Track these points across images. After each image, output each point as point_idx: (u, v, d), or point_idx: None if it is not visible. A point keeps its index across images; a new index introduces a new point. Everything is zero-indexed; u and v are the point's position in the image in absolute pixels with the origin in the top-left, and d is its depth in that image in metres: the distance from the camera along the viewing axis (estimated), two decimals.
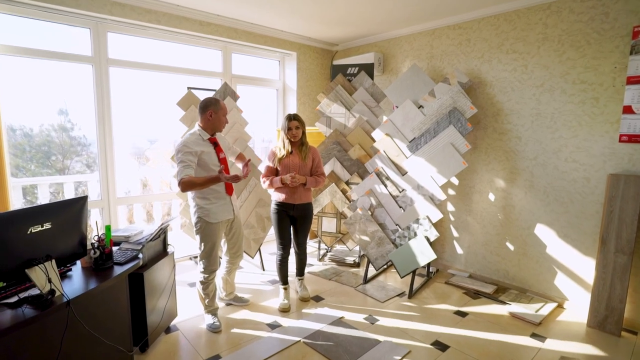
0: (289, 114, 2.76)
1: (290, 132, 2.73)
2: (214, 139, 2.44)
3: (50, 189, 3.52)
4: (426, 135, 3.28)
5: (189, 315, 2.71)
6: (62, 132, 3.56)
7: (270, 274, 3.54)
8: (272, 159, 2.81)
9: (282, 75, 4.50)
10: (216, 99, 2.41)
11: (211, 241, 2.45)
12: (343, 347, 2.34)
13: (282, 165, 2.77)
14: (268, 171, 2.82)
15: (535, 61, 2.92)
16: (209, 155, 2.36)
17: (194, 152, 2.29)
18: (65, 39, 3.04)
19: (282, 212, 2.82)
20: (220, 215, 2.44)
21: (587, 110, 2.70)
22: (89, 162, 4.02)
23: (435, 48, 3.57)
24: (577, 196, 2.80)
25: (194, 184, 2.22)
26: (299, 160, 2.79)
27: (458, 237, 3.58)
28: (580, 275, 2.84)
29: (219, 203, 2.43)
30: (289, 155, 2.78)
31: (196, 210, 2.41)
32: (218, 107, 2.38)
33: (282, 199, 2.79)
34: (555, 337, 2.51)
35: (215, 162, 2.40)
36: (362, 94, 3.76)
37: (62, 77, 3.12)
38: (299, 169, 2.79)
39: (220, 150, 2.46)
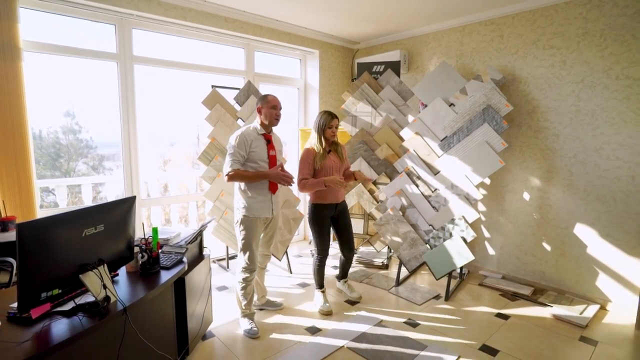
0: (327, 112, 2.66)
1: (330, 130, 2.63)
2: (268, 136, 2.47)
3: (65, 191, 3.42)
4: (459, 133, 3.20)
5: (224, 321, 2.61)
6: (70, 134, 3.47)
7: (299, 276, 3.45)
8: (311, 160, 2.66)
9: (303, 73, 4.42)
10: (263, 95, 2.45)
11: (249, 235, 2.40)
12: (390, 352, 2.25)
13: (323, 167, 2.64)
14: (308, 172, 2.66)
15: (575, 57, 2.85)
16: (259, 148, 2.39)
17: (247, 143, 2.34)
18: (87, 36, 2.94)
19: (324, 214, 2.71)
20: (258, 211, 2.41)
21: (632, 106, 2.64)
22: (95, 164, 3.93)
23: (465, 45, 3.51)
24: (620, 194, 2.73)
25: (241, 176, 2.32)
26: (338, 160, 2.72)
27: (490, 238, 3.50)
28: (624, 275, 2.77)
29: (259, 199, 2.41)
30: (328, 156, 2.68)
31: (238, 204, 2.44)
32: (265, 101, 2.41)
33: (325, 200, 2.69)
34: (605, 340, 2.43)
35: (264, 158, 2.41)
36: (389, 92, 3.68)
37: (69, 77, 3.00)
38: (339, 169, 2.72)
39: (271, 148, 2.46)
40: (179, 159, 4.98)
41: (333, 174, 2.67)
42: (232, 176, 2.30)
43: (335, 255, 4.07)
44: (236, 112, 3.38)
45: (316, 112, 4.34)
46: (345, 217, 2.83)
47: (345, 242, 2.86)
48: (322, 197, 2.69)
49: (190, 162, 4.76)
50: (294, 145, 4.53)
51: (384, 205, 3.44)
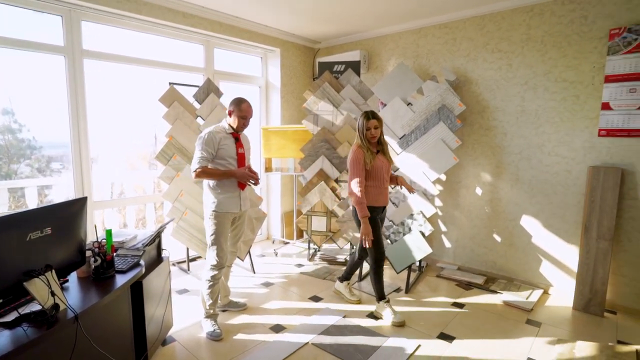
0: (366, 112, 2.52)
1: (369, 132, 2.51)
2: (236, 134, 2.51)
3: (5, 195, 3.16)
4: (416, 132, 3.33)
5: (185, 325, 2.55)
6: (9, 133, 3.22)
7: (262, 276, 3.43)
8: (362, 160, 2.52)
9: (264, 72, 4.39)
10: (239, 100, 2.45)
11: (218, 229, 2.42)
12: (353, 345, 2.30)
13: (374, 169, 2.54)
14: (362, 175, 2.51)
15: (520, 60, 3.07)
16: (228, 146, 2.43)
17: (215, 141, 2.37)
18: (30, 27, 2.74)
19: (376, 217, 2.59)
20: (226, 206, 2.44)
21: (569, 107, 2.88)
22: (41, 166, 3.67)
23: (421, 47, 3.65)
24: (559, 188, 2.98)
25: (208, 174, 2.36)
26: (386, 161, 2.63)
27: (446, 231, 3.68)
28: (563, 262, 3.02)
29: (227, 195, 2.44)
30: (377, 156, 2.58)
31: (208, 200, 2.45)
32: (237, 109, 2.43)
33: (377, 203, 2.58)
34: (547, 321, 2.64)
35: (232, 155, 2.45)
36: (349, 92, 3.75)
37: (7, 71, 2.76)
38: (388, 170, 2.63)
39: (240, 146, 2.50)
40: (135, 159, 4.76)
41: (383, 175, 2.58)
42: (200, 173, 2.33)
43: (300, 253, 4.09)
44: (195, 110, 3.30)
45: (278, 110, 4.33)
46: (383, 220, 2.75)
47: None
48: (373, 200, 2.57)
49: (147, 162, 4.57)
50: (255, 145, 4.48)
51: (346, 202, 3.51)
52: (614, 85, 2.68)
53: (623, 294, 2.78)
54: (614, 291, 2.80)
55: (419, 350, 2.28)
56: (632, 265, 2.73)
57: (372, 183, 2.57)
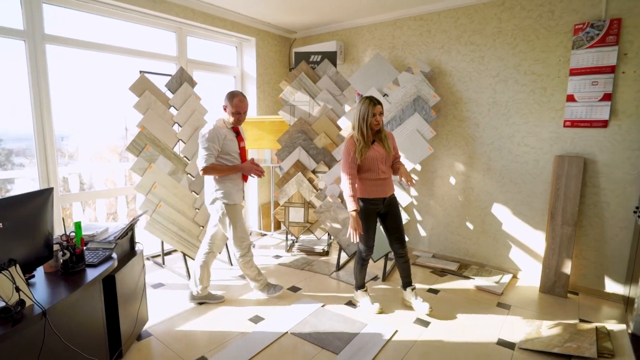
0: (369, 98, 2.37)
1: (374, 119, 2.36)
2: (236, 128, 2.60)
3: None
4: (392, 122, 3.38)
5: (160, 319, 2.49)
6: None
7: (238, 268, 3.38)
8: (352, 152, 2.40)
9: (240, 61, 4.30)
10: (231, 94, 2.49)
11: (235, 220, 2.57)
12: (332, 333, 2.33)
13: (367, 159, 2.42)
14: (351, 166, 2.39)
15: (491, 53, 3.15)
16: (231, 141, 2.53)
17: (220, 137, 2.45)
18: None
19: (370, 209, 2.50)
20: (235, 197, 2.58)
21: (537, 98, 2.99)
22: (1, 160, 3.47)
23: (396, 38, 3.68)
24: (528, 177, 3.10)
25: (217, 170, 2.46)
26: (383, 150, 2.47)
27: (421, 220, 3.76)
28: (531, 247, 3.16)
29: (235, 188, 2.57)
30: (372, 146, 2.44)
31: (218, 195, 2.53)
32: (230, 103, 2.47)
33: (371, 194, 2.47)
34: (516, 304, 2.77)
35: (235, 150, 2.56)
36: (326, 82, 3.74)
37: None
38: (385, 160, 2.47)
39: (241, 139, 2.62)
40: (105, 151, 4.58)
41: (378, 166, 2.44)
42: (208, 170, 2.42)
43: (278, 245, 4.08)
44: (168, 100, 3.20)
45: (254, 101, 4.26)
46: (394, 212, 2.58)
47: (394, 238, 2.60)
48: (366, 192, 2.48)
49: (117, 155, 4.40)
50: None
51: (323, 193, 3.52)
52: (577, 78, 2.80)
53: (584, 276, 2.95)
54: (576, 273, 2.97)
55: (396, 335, 2.33)
56: (593, 249, 2.89)
57: (367, 175, 2.47)
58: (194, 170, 3.29)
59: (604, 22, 2.66)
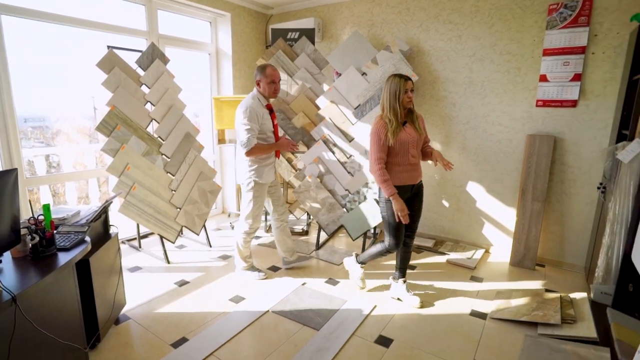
0: (399, 74, 2.21)
1: (406, 96, 2.18)
2: (270, 105, 2.62)
3: None
4: (371, 101, 3.37)
5: (138, 302, 2.46)
6: None
7: (219, 249, 3.38)
8: (383, 134, 2.21)
9: (214, 38, 4.14)
10: (262, 66, 2.50)
11: (261, 200, 2.66)
12: (313, 310, 2.38)
13: (398, 142, 2.22)
14: (382, 150, 2.21)
15: (469, 32, 3.16)
16: (267, 121, 2.56)
17: (259, 116, 2.47)
18: None
19: (401, 197, 2.28)
20: (267, 177, 2.65)
21: (511, 78, 3.05)
22: None
23: (375, 15, 3.62)
24: (501, 155, 3.20)
25: (260, 149, 2.51)
26: (415, 133, 2.28)
27: None
28: (502, 223, 3.29)
29: (270, 167, 2.65)
30: (403, 128, 2.26)
31: (250, 171, 2.59)
32: (263, 75, 2.48)
33: (401, 181, 2.29)
34: (488, 277, 2.90)
35: (270, 128, 2.59)
36: (304, 60, 3.66)
37: None
38: (416, 143, 2.29)
39: (274, 117, 2.64)
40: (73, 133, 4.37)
41: (409, 150, 2.25)
42: (253, 151, 2.47)
43: None
44: (140, 77, 3.06)
45: (230, 79, 4.14)
46: (418, 201, 2.43)
47: (408, 227, 2.42)
48: (397, 179, 2.28)
49: (87, 136, 4.21)
50: (207, 116, 4.29)
51: (302, 173, 3.51)
52: (550, 59, 2.87)
53: (551, 249, 3.11)
54: (544, 247, 3.13)
55: (375, 310, 2.41)
56: (559, 224, 3.04)
57: (395, 160, 2.27)
58: (169, 150, 3.20)
59: (577, 3, 2.71)
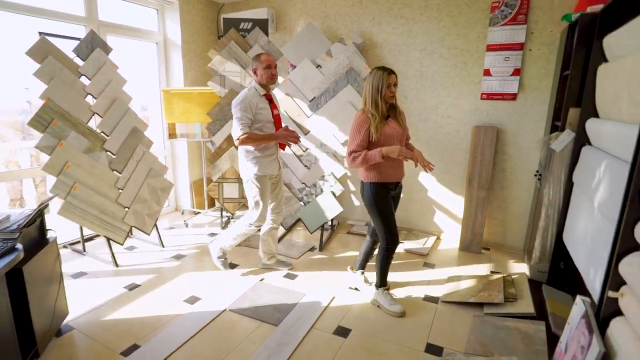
0: (382, 67, 2.11)
1: (389, 90, 2.11)
2: (269, 96, 2.55)
3: None
4: (326, 94, 3.37)
5: (83, 311, 2.31)
6: None
7: (172, 249, 3.25)
8: (365, 129, 2.13)
9: (162, 27, 3.91)
10: (256, 55, 2.47)
11: (262, 191, 2.57)
12: (272, 306, 2.37)
13: (383, 136, 2.14)
14: (360, 145, 2.14)
15: (419, 27, 3.25)
16: (265, 110, 2.48)
17: (252, 106, 2.40)
18: None
19: (387, 194, 2.24)
20: (268, 169, 2.56)
21: (459, 72, 3.19)
22: None
23: (329, 8, 3.61)
24: (450, 146, 3.35)
25: (253, 139, 2.42)
26: (398, 127, 2.22)
27: (355, 191, 3.90)
28: (452, 211, 3.47)
29: (270, 158, 2.56)
30: (387, 122, 2.19)
31: (248, 162, 2.53)
32: (258, 62, 2.44)
33: (388, 178, 2.21)
34: (439, 263, 3.05)
35: (269, 119, 2.51)
36: (257, 51, 3.57)
37: None
38: (400, 138, 2.24)
39: (274, 107, 2.57)
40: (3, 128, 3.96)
41: (394, 144, 2.16)
42: (245, 140, 2.39)
43: (213, 222, 3.95)
44: (78, 68, 2.82)
45: (180, 71, 3.96)
46: (397, 200, 2.40)
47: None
48: (383, 175, 2.19)
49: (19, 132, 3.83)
50: (156, 109, 4.07)
51: None
52: (493, 54, 3.03)
53: (495, 233, 3.33)
54: (488, 232, 3.34)
55: (333, 302, 2.44)
56: (502, 209, 3.26)
57: None
58: (114, 146, 3.00)
59: (516, 2, 2.87)
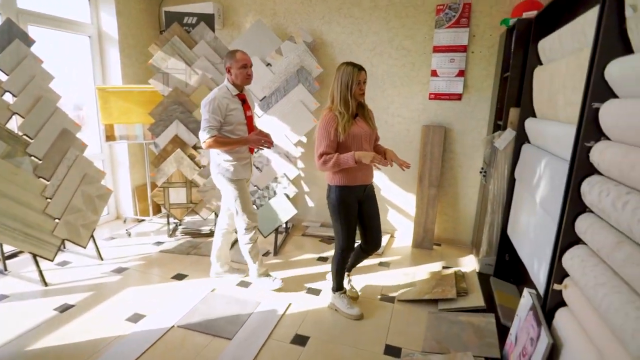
0: (351, 63, 2.01)
1: (359, 87, 2.01)
2: (242, 96, 2.40)
3: None
4: (277, 93, 3.28)
5: (4, 340, 2.01)
6: None
7: (113, 262, 2.97)
8: (333, 128, 2.00)
9: (95, 18, 3.56)
10: (231, 51, 2.31)
11: (241, 195, 2.43)
12: (224, 318, 2.23)
13: (350, 136, 2.02)
14: (330, 146, 2.01)
15: (368, 27, 3.26)
16: (236, 111, 2.33)
17: (222, 108, 2.25)
18: None
19: (352, 199, 2.13)
20: (241, 173, 2.43)
21: (407, 72, 3.25)
22: None
23: (278, 5, 3.51)
24: (401, 145, 3.41)
25: (220, 143, 2.27)
26: (367, 127, 2.12)
27: (309, 191, 3.85)
28: (404, 209, 3.54)
29: (241, 162, 2.42)
30: (355, 121, 2.07)
31: (221, 170, 2.40)
32: (233, 60, 2.28)
33: (354, 181, 2.08)
34: (394, 261, 3.10)
35: (241, 120, 2.37)
36: (203, 48, 3.38)
37: None
38: (369, 138, 2.14)
39: (247, 108, 2.42)
40: None
41: (362, 145, 2.07)
42: (212, 143, 2.24)
43: (159, 230, 3.69)
44: None
45: (117, 67, 3.64)
46: (372, 202, 2.26)
47: (370, 234, 2.31)
48: (351, 178, 2.06)
49: None
50: (91, 108, 3.72)
51: (207, 170, 3.27)
52: (439, 55, 3.12)
53: (445, 229, 3.45)
54: (439, 227, 3.45)
55: (290, 308, 2.36)
56: (451, 206, 3.38)
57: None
58: (39, 150, 2.67)
59: (458, 5, 2.98)
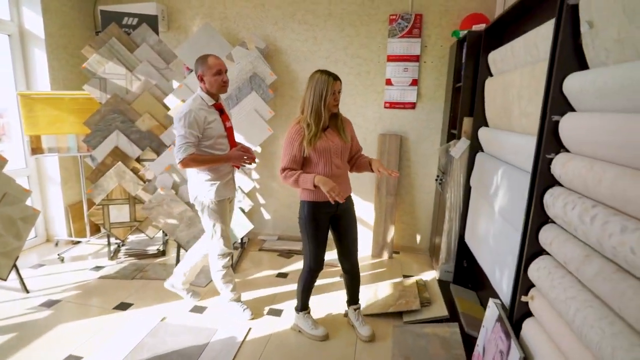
0: (325, 71, 1.88)
1: (334, 97, 1.88)
2: (219, 105, 2.18)
3: None
4: (228, 101, 3.11)
5: None
6: None
7: (42, 294, 2.59)
8: (298, 142, 1.87)
9: (16, 15, 3.14)
10: (202, 57, 2.07)
11: (223, 216, 2.24)
12: (177, 352, 2.01)
13: (317, 151, 1.88)
14: (293, 161, 1.89)
15: (323, 34, 3.21)
16: (215, 123, 2.10)
17: (199, 121, 2.03)
18: None
19: (322, 215, 1.98)
20: (224, 193, 2.22)
21: (362, 81, 3.24)
22: None
23: (228, 8, 3.34)
24: None
25: (198, 162, 2.06)
26: (339, 140, 1.96)
27: (265, 204, 3.69)
28: (363, 218, 3.50)
29: (223, 181, 2.20)
30: (324, 134, 1.91)
31: (201, 188, 2.18)
32: (206, 67, 2.05)
33: (323, 197, 1.84)
34: None
35: (221, 133, 2.15)
36: (146, 52, 3.12)
37: None
38: (341, 152, 1.97)
39: (226, 119, 2.20)
40: None
41: (332, 160, 1.92)
42: (188, 162, 2.02)
43: (98, 252, 3.31)
44: None
45: (44, 70, 3.24)
46: (348, 218, 2.09)
47: (344, 250, 2.15)
48: (322, 194, 1.84)
49: None
50: (13, 116, 3.26)
51: (153, 184, 3.00)
52: (393, 64, 3.15)
53: (403, 237, 3.47)
54: (397, 236, 3.46)
55: (250, 334, 2.19)
56: (408, 213, 3.41)
57: (315, 171, 1.92)
58: None
59: (410, 16, 3.03)
